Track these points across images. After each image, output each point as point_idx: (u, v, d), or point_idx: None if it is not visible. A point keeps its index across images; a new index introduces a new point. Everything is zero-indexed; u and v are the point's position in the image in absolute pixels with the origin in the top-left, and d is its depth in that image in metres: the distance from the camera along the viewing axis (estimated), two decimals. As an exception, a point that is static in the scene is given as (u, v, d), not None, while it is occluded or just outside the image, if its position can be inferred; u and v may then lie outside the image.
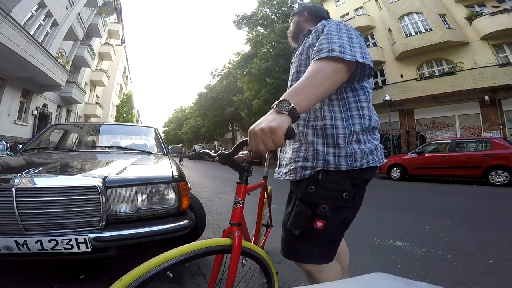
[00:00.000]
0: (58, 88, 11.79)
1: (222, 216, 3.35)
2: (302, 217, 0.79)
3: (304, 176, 0.82)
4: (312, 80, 0.66)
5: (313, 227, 0.77)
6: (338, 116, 0.81)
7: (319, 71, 0.67)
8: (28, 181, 1.28)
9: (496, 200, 4.66)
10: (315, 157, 0.80)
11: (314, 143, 0.82)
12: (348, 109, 0.82)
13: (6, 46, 7.17)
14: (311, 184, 0.79)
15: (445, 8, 13.03)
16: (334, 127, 0.80)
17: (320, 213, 0.76)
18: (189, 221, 1.58)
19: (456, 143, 7.62)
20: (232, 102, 20.45)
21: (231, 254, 0.72)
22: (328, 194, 0.77)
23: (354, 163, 0.78)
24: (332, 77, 0.67)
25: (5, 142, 7.86)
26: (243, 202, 0.78)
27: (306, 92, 0.64)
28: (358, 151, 0.78)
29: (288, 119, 0.60)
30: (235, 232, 0.73)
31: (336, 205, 0.77)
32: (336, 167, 0.78)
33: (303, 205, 0.80)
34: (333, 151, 0.79)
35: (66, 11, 11.10)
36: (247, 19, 16.35)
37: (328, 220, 0.76)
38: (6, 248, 1.20)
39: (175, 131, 43.93)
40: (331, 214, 0.76)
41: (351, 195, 0.78)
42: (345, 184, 0.78)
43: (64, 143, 3.12)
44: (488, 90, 11.12)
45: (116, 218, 1.43)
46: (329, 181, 0.78)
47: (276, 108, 0.61)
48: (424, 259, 2.02)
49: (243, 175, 0.80)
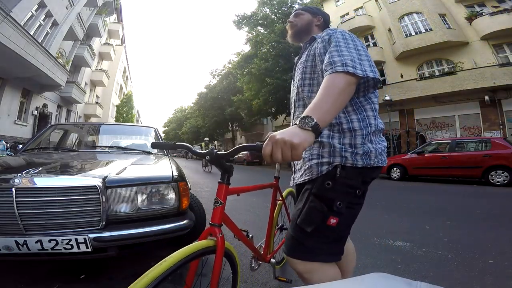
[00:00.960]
0: (58, 88, 11.79)
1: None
2: (317, 213, 0.79)
3: (321, 172, 0.83)
4: (329, 95, 0.69)
5: (327, 224, 0.77)
6: (354, 118, 0.85)
7: (335, 85, 0.70)
8: (28, 181, 1.28)
9: (496, 200, 4.66)
10: (332, 154, 0.83)
11: (330, 141, 0.84)
12: (363, 110, 0.87)
13: (6, 46, 7.17)
14: (328, 179, 0.81)
15: (445, 8, 13.03)
16: (352, 129, 0.84)
17: (336, 210, 0.77)
18: (189, 221, 1.58)
19: (456, 143, 7.62)
20: (232, 102, 20.43)
21: (216, 255, 0.71)
22: (344, 190, 0.79)
23: (368, 161, 0.82)
24: (346, 90, 0.71)
25: (5, 142, 7.86)
26: (222, 202, 0.77)
27: (325, 107, 0.67)
28: (372, 150, 0.83)
29: (311, 135, 0.62)
30: (218, 233, 0.73)
31: (350, 202, 0.79)
32: (353, 163, 0.80)
33: (318, 201, 0.80)
34: (351, 149, 0.82)
35: (66, 11, 11.10)
36: (247, 19, 16.33)
37: (341, 217, 0.78)
38: (6, 248, 1.20)
39: (175, 131, 43.91)
40: (345, 211, 0.78)
41: (361, 192, 0.82)
42: (359, 181, 0.81)
43: (64, 143, 3.12)
44: (488, 90, 11.12)
45: (116, 218, 1.43)
46: (346, 177, 0.80)
47: (300, 124, 0.63)
48: (424, 259, 2.02)
49: (225, 176, 0.79)
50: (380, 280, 0.40)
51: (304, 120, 0.63)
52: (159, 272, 0.58)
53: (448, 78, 12.22)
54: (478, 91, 11.34)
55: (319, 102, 0.67)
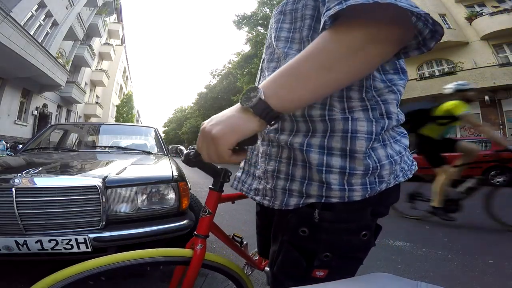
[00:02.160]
0: (58, 88, 11.79)
1: (222, 216, 3.35)
2: (295, 266, 0.50)
3: (286, 206, 0.50)
4: (319, 53, 0.37)
5: (311, 276, 0.49)
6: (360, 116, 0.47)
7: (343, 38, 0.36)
8: (28, 181, 1.28)
9: (496, 200, 4.65)
10: (307, 177, 0.48)
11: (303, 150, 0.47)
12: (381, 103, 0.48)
13: (6, 46, 7.17)
14: (302, 224, 0.48)
15: (445, 8, 13.03)
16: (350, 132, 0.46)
17: (321, 264, 0.48)
18: (189, 221, 1.58)
19: (456, 143, 7.62)
20: (232, 102, 20.40)
21: (189, 267, 0.65)
22: (335, 238, 0.48)
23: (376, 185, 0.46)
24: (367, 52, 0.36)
25: (5, 142, 7.86)
26: (211, 212, 0.68)
27: (298, 76, 0.37)
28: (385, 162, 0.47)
29: (252, 121, 0.39)
30: (198, 245, 0.65)
31: (348, 251, 0.49)
32: (344, 196, 0.45)
33: (295, 251, 0.50)
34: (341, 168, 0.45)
35: (66, 11, 11.10)
36: (247, 19, 16.35)
37: (333, 269, 0.49)
38: (6, 248, 1.20)
39: (175, 131, 43.91)
40: (338, 264, 0.49)
41: (370, 233, 0.50)
42: (364, 217, 0.49)
43: (64, 143, 3.12)
44: (488, 90, 11.12)
45: (116, 218, 1.43)
46: (334, 220, 0.47)
47: (240, 100, 0.40)
48: (424, 259, 2.02)
49: (217, 181, 0.69)
50: (380, 280, 0.40)
51: (247, 94, 0.39)
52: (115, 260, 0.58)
53: (448, 78, 12.20)
54: (478, 91, 11.33)
55: (292, 66, 0.38)
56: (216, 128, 0.40)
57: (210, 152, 0.41)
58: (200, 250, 0.66)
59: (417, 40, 0.38)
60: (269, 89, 0.39)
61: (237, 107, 0.41)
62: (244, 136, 0.40)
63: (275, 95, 0.38)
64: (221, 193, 0.71)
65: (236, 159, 0.42)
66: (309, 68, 0.37)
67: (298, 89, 0.37)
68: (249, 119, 0.39)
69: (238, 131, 0.39)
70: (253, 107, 0.38)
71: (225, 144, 0.39)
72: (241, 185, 0.65)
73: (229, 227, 2.87)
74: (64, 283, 0.55)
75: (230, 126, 0.39)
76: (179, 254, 0.66)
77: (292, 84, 0.37)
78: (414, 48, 0.40)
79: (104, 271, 0.57)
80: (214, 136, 0.39)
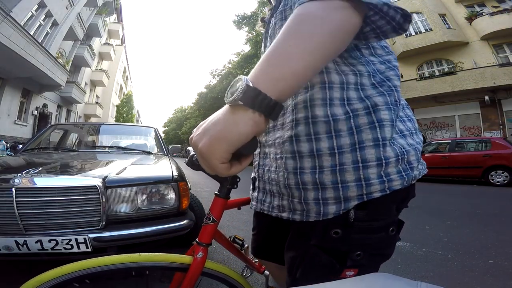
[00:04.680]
0: (58, 88, 11.79)
1: (222, 216, 3.35)
2: (323, 269, 0.49)
3: (325, 216, 0.47)
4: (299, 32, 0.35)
5: (341, 277, 0.48)
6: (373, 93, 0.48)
7: (313, 15, 0.35)
8: (28, 181, 1.28)
9: (496, 200, 4.66)
10: (341, 180, 0.46)
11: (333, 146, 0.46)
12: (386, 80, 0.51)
13: (6, 46, 7.17)
14: (336, 226, 0.47)
15: (445, 8, 13.04)
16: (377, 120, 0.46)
17: (353, 263, 0.47)
18: (189, 221, 1.58)
19: (456, 143, 7.63)
20: (232, 102, 20.47)
21: (186, 275, 0.62)
22: (365, 238, 0.47)
23: (411, 172, 0.47)
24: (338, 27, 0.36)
25: (5, 142, 7.86)
26: (216, 220, 0.64)
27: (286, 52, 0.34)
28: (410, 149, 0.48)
29: (245, 120, 0.33)
30: (198, 253, 0.63)
31: (377, 248, 0.49)
32: (384, 188, 0.45)
33: (324, 254, 0.48)
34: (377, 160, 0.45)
35: (66, 11, 11.10)
36: (247, 19, 16.37)
37: (363, 268, 0.48)
38: (6, 248, 1.20)
39: (175, 131, 43.92)
40: (368, 261, 0.48)
41: (397, 228, 0.51)
42: (391, 214, 0.49)
43: (64, 143, 3.12)
44: (488, 90, 11.13)
45: (116, 218, 1.43)
46: (367, 219, 0.46)
47: (226, 97, 0.35)
48: (424, 259, 2.02)
49: (224, 187, 0.64)
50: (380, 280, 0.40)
51: (232, 87, 0.34)
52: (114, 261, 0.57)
53: (448, 78, 12.22)
54: (478, 91, 11.34)
55: (274, 45, 0.35)
56: (202, 141, 0.34)
57: (205, 166, 0.36)
58: (200, 259, 0.63)
59: (391, 24, 0.40)
60: (255, 73, 0.34)
61: (225, 108, 0.35)
62: (238, 143, 0.33)
63: (263, 76, 0.34)
64: (227, 200, 0.67)
65: (237, 170, 0.37)
66: (290, 39, 0.35)
67: (287, 63, 0.34)
68: (241, 118, 0.33)
69: (229, 140, 0.32)
70: (242, 98, 0.32)
71: (217, 159, 0.33)
72: (260, 205, 0.63)
73: (229, 227, 2.87)
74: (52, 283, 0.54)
75: (217, 136, 0.33)
76: (178, 260, 0.64)
77: (279, 60, 0.34)
78: (391, 31, 0.42)
79: (101, 271, 0.56)
80: (201, 152, 0.34)
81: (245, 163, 0.37)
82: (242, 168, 0.37)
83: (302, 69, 0.34)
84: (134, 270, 0.60)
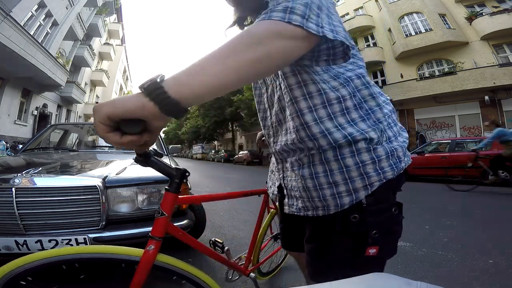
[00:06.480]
0: (58, 88, 11.80)
1: (222, 216, 3.35)
2: (350, 251, 0.59)
3: (342, 207, 0.59)
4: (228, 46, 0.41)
5: (365, 255, 0.58)
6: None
7: (249, 33, 0.42)
8: (28, 181, 1.28)
9: (496, 200, 4.66)
10: (348, 177, 0.59)
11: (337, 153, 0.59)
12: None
13: (6, 46, 7.17)
14: (353, 212, 0.58)
15: (445, 8, 13.04)
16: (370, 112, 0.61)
17: (373, 241, 0.58)
18: (189, 221, 1.58)
19: (456, 143, 7.62)
20: (232, 102, 20.43)
21: (137, 268, 0.63)
22: (377, 218, 0.58)
23: (399, 164, 0.60)
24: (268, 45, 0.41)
25: (5, 142, 7.86)
26: (165, 214, 0.66)
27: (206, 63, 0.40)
28: (398, 147, 0.61)
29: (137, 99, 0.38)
30: (149, 246, 0.64)
31: (388, 227, 0.60)
32: (381, 178, 0.57)
33: (347, 237, 0.59)
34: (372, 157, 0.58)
35: (66, 11, 11.11)
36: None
37: (382, 244, 0.59)
38: (6, 248, 1.20)
39: (175, 131, 43.91)
40: (384, 239, 0.59)
41: (399, 209, 0.62)
42: (391, 197, 0.62)
43: (64, 143, 3.12)
44: (488, 90, 11.13)
45: (116, 218, 1.43)
46: (375, 203, 0.58)
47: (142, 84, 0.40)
48: (424, 259, 2.02)
49: (173, 182, 0.67)
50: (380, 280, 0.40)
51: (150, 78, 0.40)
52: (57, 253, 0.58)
53: (448, 78, 12.23)
54: (478, 91, 11.35)
55: (201, 59, 0.41)
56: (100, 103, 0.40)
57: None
58: (152, 252, 0.63)
59: (343, 48, 0.48)
60: (172, 76, 0.39)
61: None
62: (121, 112, 0.38)
63: (173, 80, 0.39)
64: (177, 195, 0.68)
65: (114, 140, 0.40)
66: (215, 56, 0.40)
67: (198, 76, 0.39)
68: (135, 97, 0.38)
69: (115, 106, 0.38)
70: (145, 87, 0.38)
71: (98, 119, 0.38)
72: (291, 208, 0.72)
73: (229, 227, 2.87)
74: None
75: (110, 102, 0.39)
76: (127, 253, 0.63)
77: (195, 71, 0.39)
78: (340, 57, 0.50)
79: (45, 264, 0.57)
80: (93, 109, 0.39)
81: (124, 139, 0.40)
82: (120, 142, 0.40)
83: (211, 85, 0.39)
84: (82, 262, 0.60)
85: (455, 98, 12.18)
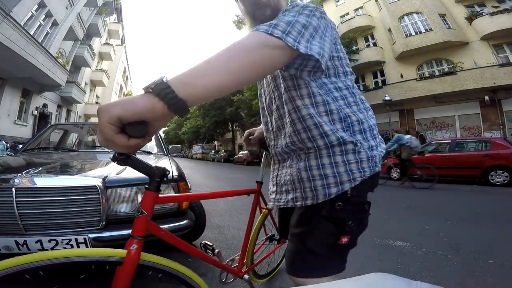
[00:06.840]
0: (58, 88, 11.79)
1: (222, 216, 3.35)
2: (329, 236, 0.71)
3: (329, 196, 0.69)
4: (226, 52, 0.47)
5: (339, 243, 0.70)
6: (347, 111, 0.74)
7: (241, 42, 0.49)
8: (28, 181, 1.28)
9: (496, 200, 4.66)
10: (336, 169, 0.71)
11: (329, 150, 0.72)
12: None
13: (6, 46, 7.17)
14: (338, 200, 0.70)
15: (445, 8, 13.04)
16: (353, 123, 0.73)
17: (348, 230, 0.70)
18: (189, 221, 1.58)
19: (456, 143, 7.62)
20: (232, 102, 20.44)
21: (122, 268, 0.63)
22: (355, 208, 0.72)
23: (374, 167, 0.72)
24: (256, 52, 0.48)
25: (5, 142, 7.85)
26: (144, 212, 0.66)
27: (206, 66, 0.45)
28: (376, 154, 0.73)
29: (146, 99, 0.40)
30: (131, 245, 0.63)
31: (360, 218, 0.73)
32: (361, 175, 0.70)
33: (329, 223, 0.70)
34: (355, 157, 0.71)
35: (66, 11, 11.10)
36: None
37: (352, 234, 0.72)
38: (6, 248, 1.20)
39: (175, 131, 43.90)
40: (356, 228, 0.71)
41: (368, 206, 0.75)
42: (366, 195, 0.75)
43: (64, 143, 3.12)
44: (488, 90, 11.13)
45: (116, 218, 1.43)
46: (356, 195, 0.71)
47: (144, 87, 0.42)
48: (424, 259, 2.02)
49: (153, 180, 0.67)
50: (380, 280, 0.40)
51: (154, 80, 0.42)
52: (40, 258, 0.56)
53: (448, 78, 12.23)
54: (478, 91, 11.34)
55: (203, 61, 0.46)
56: (105, 104, 0.39)
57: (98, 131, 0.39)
58: (135, 251, 0.63)
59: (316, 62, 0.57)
60: (176, 76, 0.42)
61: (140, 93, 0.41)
62: (130, 113, 0.38)
63: (178, 79, 0.42)
64: (157, 193, 0.68)
65: (123, 142, 0.39)
66: (215, 60, 0.45)
67: (201, 78, 0.43)
68: (144, 98, 0.39)
69: (124, 106, 0.38)
70: (153, 87, 0.40)
71: (106, 119, 0.37)
72: (277, 203, 0.83)
73: (229, 227, 2.87)
74: None
75: (118, 102, 0.38)
76: (111, 254, 0.63)
77: (198, 72, 0.43)
78: (319, 70, 0.59)
79: (27, 269, 0.54)
80: (98, 109, 0.38)
81: (132, 142, 0.41)
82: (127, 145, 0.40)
83: (212, 85, 0.44)
84: (67, 266, 0.58)
85: (455, 98, 12.18)
